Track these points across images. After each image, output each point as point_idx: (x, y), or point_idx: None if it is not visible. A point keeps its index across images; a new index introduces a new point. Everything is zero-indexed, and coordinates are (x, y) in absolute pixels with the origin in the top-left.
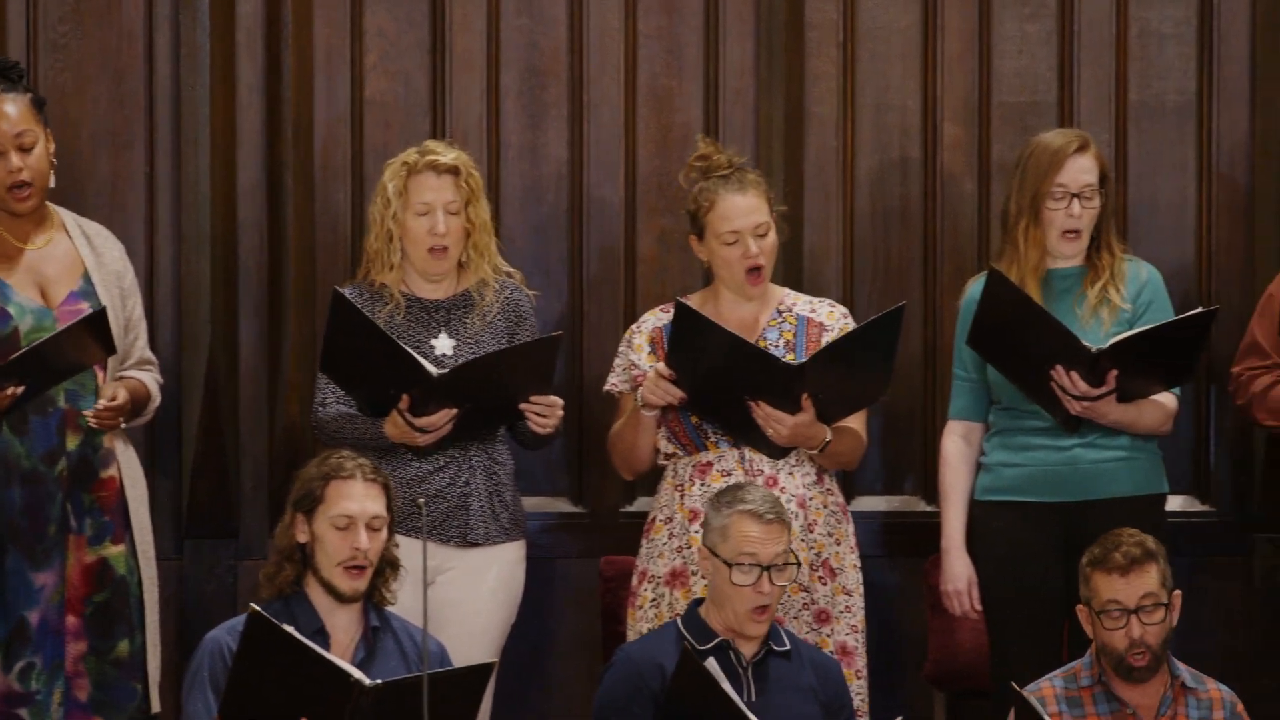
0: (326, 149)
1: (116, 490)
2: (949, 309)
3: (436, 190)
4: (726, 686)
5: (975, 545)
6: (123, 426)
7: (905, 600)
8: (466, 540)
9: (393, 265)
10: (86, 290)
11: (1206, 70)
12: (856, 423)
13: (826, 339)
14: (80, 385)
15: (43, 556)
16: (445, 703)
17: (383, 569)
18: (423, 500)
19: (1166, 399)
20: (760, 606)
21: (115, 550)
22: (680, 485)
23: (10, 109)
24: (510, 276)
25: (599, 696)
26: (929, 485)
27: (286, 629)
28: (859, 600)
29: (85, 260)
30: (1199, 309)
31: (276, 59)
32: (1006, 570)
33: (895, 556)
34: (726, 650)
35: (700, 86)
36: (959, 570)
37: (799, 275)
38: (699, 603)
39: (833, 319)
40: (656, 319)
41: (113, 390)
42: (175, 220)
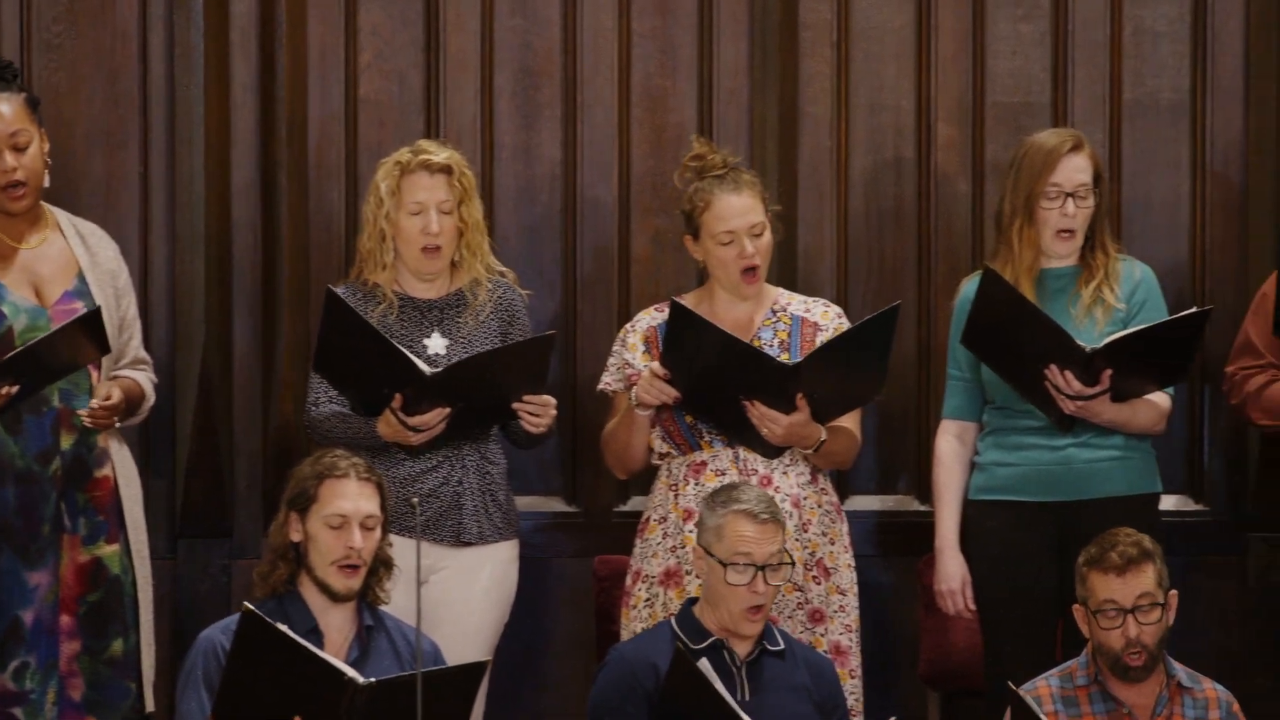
0: (321, 148)
1: (111, 489)
2: (943, 309)
3: (430, 190)
4: (719, 686)
5: (969, 545)
6: (117, 426)
7: (899, 600)
8: (460, 539)
9: (386, 264)
10: (81, 290)
11: (1200, 68)
12: (851, 422)
13: (821, 339)
14: (74, 385)
15: (37, 556)
16: (439, 702)
17: (376, 568)
18: (416, 500)
19: (1160, 398)
20: (755, 606)
21: (109, 550)
22: (674, 485)
23: (5, 109)
24: (503, 276)
25: (593, 696)
26: (923, 485)
27: (280, 628)
28: (853, 600)
29: (80, 260)
30: (1193, 309)
31: (271, 58)
32: (1000, 570)
33: (889, 556)
34: (721, 650)
35: (694, 86)
36: (953, 570)
37: (793, 275)
38: (693, 602)
39: (827, 319)
40: (651, 318)
41: (107, 389)
42: (169, 219)
